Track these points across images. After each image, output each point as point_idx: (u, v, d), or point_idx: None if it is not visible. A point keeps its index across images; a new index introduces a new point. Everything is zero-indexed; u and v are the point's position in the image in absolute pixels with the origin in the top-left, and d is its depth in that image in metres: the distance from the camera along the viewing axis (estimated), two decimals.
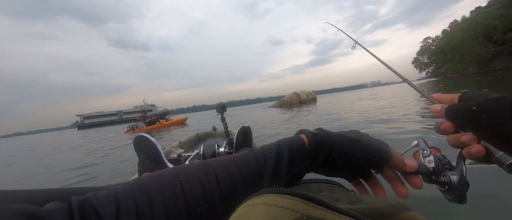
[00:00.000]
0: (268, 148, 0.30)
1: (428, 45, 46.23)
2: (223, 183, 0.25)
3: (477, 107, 0.24)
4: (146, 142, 0.82)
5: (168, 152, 1.54)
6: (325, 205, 0.16)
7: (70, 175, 2.46)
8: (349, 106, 6.45)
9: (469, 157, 0.26)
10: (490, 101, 0.23)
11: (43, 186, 2.13)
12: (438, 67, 42.79)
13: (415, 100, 5.30)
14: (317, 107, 8.30)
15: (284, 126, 4.23)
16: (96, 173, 2.40)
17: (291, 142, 0.31)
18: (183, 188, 0.23)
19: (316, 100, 14.19)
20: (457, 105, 0.27)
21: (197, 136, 2.04)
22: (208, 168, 0.26)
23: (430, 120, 2.67)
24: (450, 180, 0.28)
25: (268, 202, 0.17)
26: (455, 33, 35.14)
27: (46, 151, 5.95)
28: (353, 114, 4.56)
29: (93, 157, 3.62)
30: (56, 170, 2.87)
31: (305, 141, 0.31)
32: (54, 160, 3.97)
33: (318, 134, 0.31)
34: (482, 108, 0.23)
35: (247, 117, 8.35)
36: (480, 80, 11.72)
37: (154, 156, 0.79)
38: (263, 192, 0.19)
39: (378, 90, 21.50)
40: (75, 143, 7.32)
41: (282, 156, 0.29)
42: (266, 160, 0.28)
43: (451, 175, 0.28)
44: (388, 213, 0.18)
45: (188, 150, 1.78)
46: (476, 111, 0.24)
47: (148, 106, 63.36)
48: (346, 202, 0.19)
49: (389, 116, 3.45)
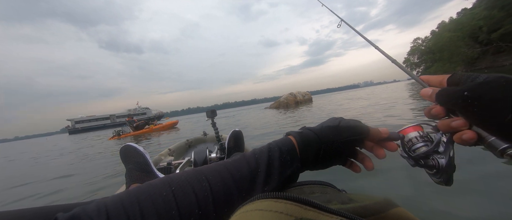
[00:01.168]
0: (259, 152, 0.31)
1: (418, 45, 47.64)
2: (216, 189, 0.25)
3: (469, 92, 0.23)
4: (133, 152, 0.78)
5: (157, 160, 1.48)
6: (318, 207, 0.17)
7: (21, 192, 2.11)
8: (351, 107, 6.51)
9: (461, 143, 0.25)
10: (482, 86, 0.22)
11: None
12: (428, 67, 44.09)
13: (409, 96, 5.42)
14: (315, 107, 8.38)
15: (291, 127, 4.11)
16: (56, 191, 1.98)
17: (281, 144, 0.31)
18: (176, 196, 0.23)
19: (312, 101, 14.34)
20: (448, 90, 0.26)
21: (187, 142, 1.97)
22: (201, 175, 0.26)
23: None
24: (439, 163, 0.29)
25: (262, 208, 0.17)
26: (443, 33, 36.40)
27: (20, 161, 5.27)
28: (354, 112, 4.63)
29: (61, 168, 3.20)
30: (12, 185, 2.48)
31: (294, 142, 0.31)
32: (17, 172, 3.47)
33: (303, 132, 0.32)
34: (474, 94, 0.23)
35: (246, 119, 8.30)
36: None
37: (142, 166, 0.76)
38: (257, 197, 0.20)
39: (373, 89, 21.92)
40: (52, 150, 6.80)
41: (274, 159, 0.29)
42: (258, 163, 0.29)
43: (439, 159, 0.29)
44: (377, 210, 0.19)
45: (179, 157, 1.73)
46: (467, 96, 0.23)
47: (142, 109, 62.33)
48: (338, 202, 0.20)
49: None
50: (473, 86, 0.23)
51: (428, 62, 43.27)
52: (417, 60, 48.37)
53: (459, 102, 0.24)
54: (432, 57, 41.29)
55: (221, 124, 6.49)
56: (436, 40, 38.32)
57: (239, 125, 6.22)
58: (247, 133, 3.93)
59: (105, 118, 60.37)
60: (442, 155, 0.29)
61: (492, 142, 0.23)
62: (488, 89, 0.22)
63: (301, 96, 13.95)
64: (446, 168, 0.28)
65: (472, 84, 0.24)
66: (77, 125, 57.20)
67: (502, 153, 0.22)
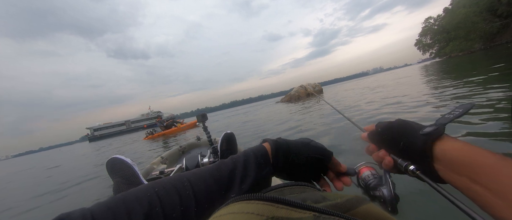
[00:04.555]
0: (236, 157, 0.34)
1: (430, 25, 45.19)
2: (198, 187, 0.28)
3: (381, 129, 0.35)
4: (120, 164, 0.77)
5: (149, 169, 1.46)
6: (289, 204, 0.18)
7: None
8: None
9: (385, 168, 0.34)
10: (387, 125, 0.34)
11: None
12: (442, 47, 41.86)
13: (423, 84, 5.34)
14: (327, 97, 8.43)
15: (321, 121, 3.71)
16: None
17: (256, 150, 0.35)
18: (159, 196, 0.25)
19: (323, 92, 14.28)
20: (372, 131, 0.38)
21: (180, 148, 1.95)
22: (183, 177, 0.29)
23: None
24: (383, 193, 0.33)
25: (235, 211, 0.18)
26: (458, 10, 34.22)
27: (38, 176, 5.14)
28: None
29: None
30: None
31: (268, 148, 0.36)
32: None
33: (278, 141, 0.37)
34: (382, 130, 0.35)
35: (264, 114, 8.50)
36: (487, 56, 11.57)
37: (130, 178, 0.74)
38: (231, 201, 0.21)
39: (383, 76, 21.21)
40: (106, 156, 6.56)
41: (249, 162, 0.33)
42: (235, 165, 0.32)
43: (383, 189, 0.34)
44: (349, 206, 0.20)
45: (172, 165, 1.70)
46: (380, 132, 0.35)
47: (154, 113, 64.26)
48: (312, 201, 0.22)
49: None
50: (384, 127, 0.35)
51: (442, 42, 41.00)
52: (429, 41, 45.99)
53: (376, 137, 0.36)
54: (446, 37, 39.07)
55: (238, 122, 6.68)
56: (450, 18, 36.16)
57: (260, 124, 6.36)
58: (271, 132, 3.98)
59: (121, 124, 62.90)
60: (384, 185, 0.35)
61: (400, 163, 0.31)
62: (391, 128, 0.33)
63: (312, 88, 13.93)
64: (388, 197, 0.33)
65: (383, 126, 0.35)
66: (95, 132, 59.96)
67: (406, 169, 0.30)
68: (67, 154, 13.96)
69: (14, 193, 3.40)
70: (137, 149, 6.46)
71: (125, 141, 12.27)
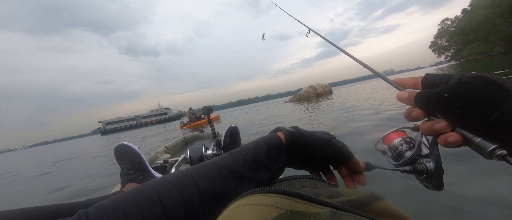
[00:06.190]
0: (245, 148, 0.31)
1: (446, 27, 43.46)
2: (203, 186, 0.25)
3: (450, 94, 0.23)
4: (128, 151, 0.78)
5: (153, 158, 1.47)
6: (307, 199, 0.18)
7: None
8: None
9: (446, 145, 0.24)
10: (462, 87, 0.22)
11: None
12: (459, 50, 40.17)
13: None
14: (336, 99, 8.38)
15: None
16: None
17: (268, 140, 0.32)
18: (160, 196, 0.23)
19: (332, 93, 14.17)
20: (426, 93, 0.26)
21: (184, 139, 1.97)
22: (186, 175, 0.26)
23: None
24: (427, 167, 0.28)
25: (253, 202, 0.18)
26: (478, 11, 32.69)
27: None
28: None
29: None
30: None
31: (282, 138, 0.33)
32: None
33: (294, 132, 0.33)
34: (455, 96, 0.22)
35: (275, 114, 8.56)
36: (510, 59, 11.08)
37: (137, 165, 0.75)
38: (248, 193, 0.21)
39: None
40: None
41: (260, 154, 0.30)
42: (244, 159, 0.29)
43: (426, 163, 0.29)
44: (364, 203, 0.20)
45: (175, 155, 1.72)
46: (448, 98, 0.23)
47: (163, 110, 65.81)
48: (325, 196, 0.21)
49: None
50: (452, 87, 0.23)
51: (459, 44, 39.37)
52: (445, 43, 44.28)
53: (440, 105, 0.24)
54: (464, 39, 37.48)
55: (248, 120, 6.82)
56: (469, 19, 34.63)
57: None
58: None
59: (132, 118, 64.77)
60: (429, 158, 0.28)
61: (479, 143, 0.22)
62: (469, 89, 0.21)
63: (321, 89, 13.87)
64: (435, 172, 0.28)
65: (451, 86, 0.23)
66: (107, 126, 62.12)
67: (491, 154, 0.21)
68: (90, 143, 14.63)
69: (69, 174, 3.69)
70: (176, 134, 6.95)
71: (156, 131, 12.62)
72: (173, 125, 17.36)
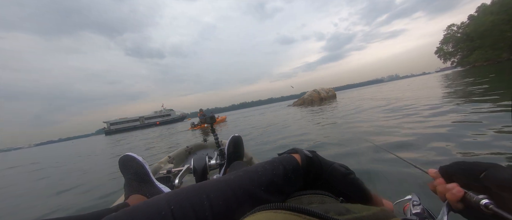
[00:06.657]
0: (262, 169, 0.30)
1: (452, 33, 43.07)
2: (218, 209, 0.25)
3: (461, 163, 0.28)
4: (132, 162, 0.78)
5: (156, 168, 1.47)
6: (316, 216, 0.18)
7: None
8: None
9: (451, 199, 0.27)
10: (468, 162, 0.27)
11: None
12: (465, 56, 39.69)
13: None
14: (341, 103, 8.35)
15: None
16: None
17: (285, 162, 0.31)
18: (175, 216, 0.23)
19: (336, 97, 14.14)
20: (446, 165, 0.30)
21: (187, 148, 1.97)
22: (202, 193, 0.26)
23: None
24: None
25: (262, 219, 0.19)
26: (485, 17, 32.37)
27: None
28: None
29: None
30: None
31: (299, 160, 0.32)
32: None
33: (313, 158, 0.32)
34: (460, 163, 0.28)
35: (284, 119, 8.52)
36: None
37: (141, 176, 0.75)
38: (257, 209, 0.21)
39: (399, 84, 20.27)
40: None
41: (277, 176, 0.29)
42: (260, 181, 0.28)
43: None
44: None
45: (178, 165, 1.71)
46: (456, 165, 0.28)
47: (166, 111, 66.39)
48: (335, 213, 0.21)
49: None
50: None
51: (465, 50, 38.85)
52: (451, 49, 43.73)
53: (451, 171, 0.29)
54: (470, 45, 37.01)
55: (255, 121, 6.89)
56: (475, 25, 34.28)
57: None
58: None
59: (135, 119, 65.39)
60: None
61: (470, 195, 0.25)
62: (470, 162, 0.27)
63: (325, 93, 13.86)
64: None
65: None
66: (112, 126, 62.76)
67: (476, 203, 0.24)
68: (96, 143, 14.82)
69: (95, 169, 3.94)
70: (187, 136, 7.30)
71: (162, 132, 12.73)
72: (177, 127, 17.43)
